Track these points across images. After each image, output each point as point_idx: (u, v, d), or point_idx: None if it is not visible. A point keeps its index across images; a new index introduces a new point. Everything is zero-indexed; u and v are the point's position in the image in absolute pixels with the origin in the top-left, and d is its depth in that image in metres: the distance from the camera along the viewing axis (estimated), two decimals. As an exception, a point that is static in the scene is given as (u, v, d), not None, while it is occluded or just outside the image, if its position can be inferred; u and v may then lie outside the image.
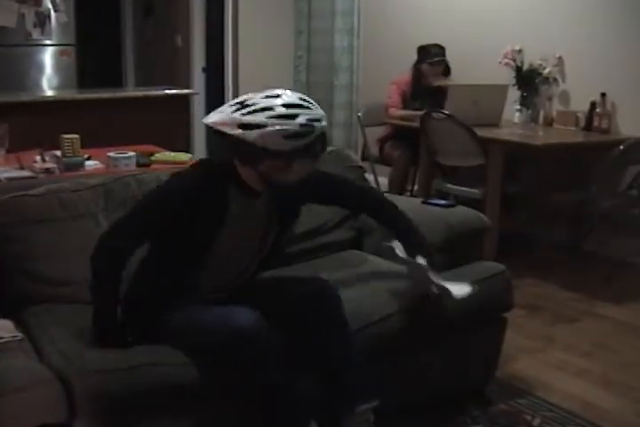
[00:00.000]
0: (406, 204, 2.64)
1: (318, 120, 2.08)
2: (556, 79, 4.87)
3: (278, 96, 2.07)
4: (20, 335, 2.18)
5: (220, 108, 2.13)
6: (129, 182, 2.63)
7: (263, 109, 2.04)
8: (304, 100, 2.10)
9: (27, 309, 2.36)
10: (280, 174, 2.12)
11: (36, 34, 6.61)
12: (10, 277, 2.39)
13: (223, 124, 2.07)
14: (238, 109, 2.06)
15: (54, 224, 2.46)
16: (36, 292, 2.40)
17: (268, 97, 2.07)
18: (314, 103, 2.12)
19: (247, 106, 2.06)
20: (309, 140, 2.06)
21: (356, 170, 3.10)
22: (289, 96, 2.09)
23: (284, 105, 2.05)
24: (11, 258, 2.40)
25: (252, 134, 2.03)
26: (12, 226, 2.41)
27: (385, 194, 2.79)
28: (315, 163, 2.16)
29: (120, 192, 2.59)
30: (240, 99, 2.10)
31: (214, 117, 2.10)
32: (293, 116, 2.04)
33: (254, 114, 2.04)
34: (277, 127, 2.02)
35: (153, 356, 2.05)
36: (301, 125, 2.04)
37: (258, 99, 2.07)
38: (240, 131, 2.04)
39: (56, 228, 2.45)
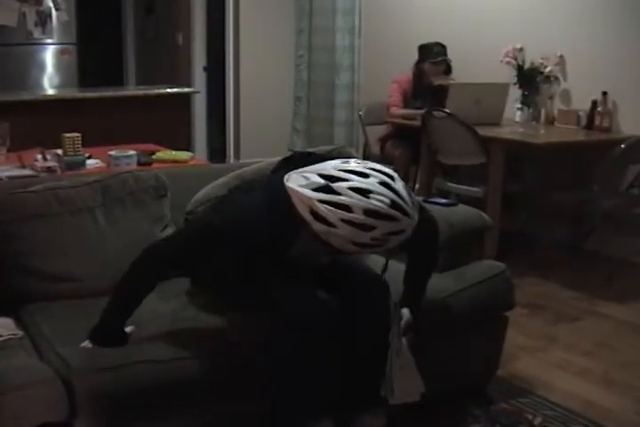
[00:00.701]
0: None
1: (400, 232, 1.81)
2: (557, 78, 4.87)
3: (369, 195, 1.77)
4: (20, 333, 2.18)
5: (307, 173, 1.85)
6: (126, 179, 2.62)
7: (343, 207, 1.77)
8: (399, 207, 1.79)
9: (24, 307, 2.36)
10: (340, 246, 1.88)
11: (37, 33, 6.60)
12: (8, 275, 2.38)
13: (298, 197, 1.82)
14: (322, 189, 1.79)
15: (51, 219, 2.44)
16: (35, 289, 2.40)
17: (359, 191, 1.77)
18: (409, 209, 1.81)
19: (332, 191, 1.78)
20: (379, 249, 1.84)
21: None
22: (381, 199, 1.78)
23: (367, 212, 1.76)
24: (9, 256, 2.39)
25: (318, 226, 1.81)
26: (9, 223, 2.40)
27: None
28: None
29: (117, 188, 2.58)
30: (335, 172, 1.81)
31: (295, 182, 1.85)
32: (370, 228, 1.77)
33: (331, 207, 1.77)
34: (346, 233, 1.78)
35: (153, 352, 2.05)
36: (373, 239, 1.79)
37: (346, 188, 1.78)
38: (309, 216, 1.81)
39: (53, 223, 2.44)
